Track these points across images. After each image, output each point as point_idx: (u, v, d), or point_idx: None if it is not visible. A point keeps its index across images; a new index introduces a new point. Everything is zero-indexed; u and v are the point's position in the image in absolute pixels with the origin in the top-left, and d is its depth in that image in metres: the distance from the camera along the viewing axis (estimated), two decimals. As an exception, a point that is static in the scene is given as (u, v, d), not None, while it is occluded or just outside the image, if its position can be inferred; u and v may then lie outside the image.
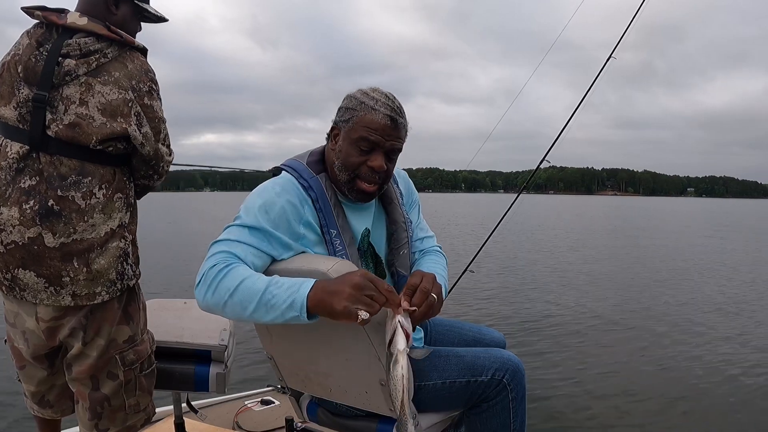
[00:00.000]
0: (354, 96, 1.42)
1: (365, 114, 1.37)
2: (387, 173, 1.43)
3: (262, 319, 1.22)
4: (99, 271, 1.55)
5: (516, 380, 1.45)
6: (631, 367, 4.74)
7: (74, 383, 1.65)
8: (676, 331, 5.97)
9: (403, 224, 1.56)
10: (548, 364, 4.76)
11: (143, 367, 1.70)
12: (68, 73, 1.52)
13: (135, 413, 1.70)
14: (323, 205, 1.41)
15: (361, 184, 1.41)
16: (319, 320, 1.21)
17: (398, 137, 1.40)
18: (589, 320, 6.43)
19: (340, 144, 1.42)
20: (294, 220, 1.37)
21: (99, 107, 1.52)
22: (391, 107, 1.38)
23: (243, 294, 1.21)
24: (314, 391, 1.53)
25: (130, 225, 1.66)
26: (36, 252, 1.50)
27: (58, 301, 1.52)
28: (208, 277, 1.24)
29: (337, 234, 1.40)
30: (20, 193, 1.50)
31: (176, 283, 8.16)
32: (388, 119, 1.36)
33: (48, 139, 1.51)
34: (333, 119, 1.47)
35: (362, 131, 1.37)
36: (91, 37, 1.55)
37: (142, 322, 1.73)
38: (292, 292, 1.19)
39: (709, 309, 7.21)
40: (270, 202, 1.35)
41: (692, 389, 4.20)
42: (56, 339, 1.60)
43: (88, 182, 1.54)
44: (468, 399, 1.46)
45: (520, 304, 7.28)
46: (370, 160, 1.38)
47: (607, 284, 9.17)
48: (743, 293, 8.41)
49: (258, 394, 2.78)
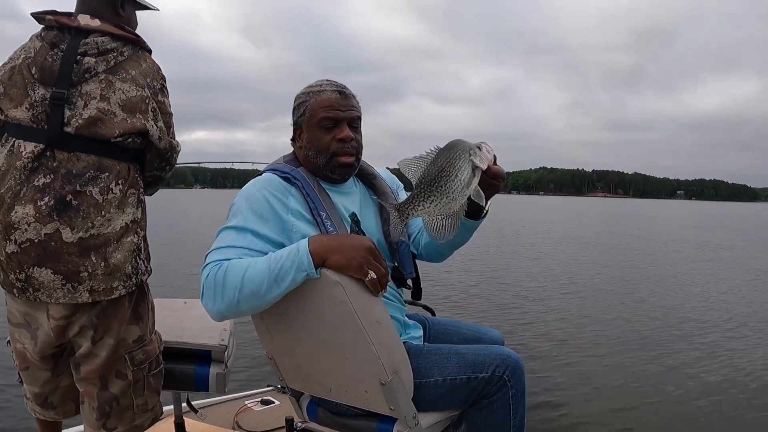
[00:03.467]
0: (301, 92, 1.57)
1: (316, 98, 1.52)
2: (357, 142, 1.54)
3: (276, 294, 1.27)
4: (116, 266, 1.57)
5: (516, 376, 1.46)
6: (629, 365, 4.80)
7: (82, 383, 1.65)
8: (676, 329, 6.05)
9: (391, 194, 1.67)
10: (545, 362, 4.82)
11: (152, 366, 1.71)
12: (88, 70, 1.57)
13: (143, 413, 1.71)
14: (308, 190, 1.48)
15: (339, 159, 1.51)
16: (319, 320, 1.25)
17: (352, 106, 1.53)
18: (583, 319, 6.49)
19: (306, 137, 1.53)
20: (281, 210, 1.42)
21: (120, 103, 1.58)
22: (335, 84, 1.54)
23: (251, 283, 1.25)
24: (314, 390, 1.54)
25: (142, 221, 1.69)
26: (53, 248, 1.50)
27: (75, 299, 1.53)
28: (210, 285, 1.28)
29: (326, 216, 1.46)
30: (34, 191, 1.51)
31: (169, 282, 8.14)
32: (336, 93, 1.51)
33: (66, 136, 1.55)
34: (291, 123, 1.59)
35: (319, 113, 1.50)
36: (107, 36, 1.61)
37: (151, 322, 1.74)
38: (293, 255, 1.26)
39: (709, 307, 7.31)
40: (253, 198, 1.42)
41: (688, 384, 4.28)
42: (66, 336, 1.60)
43: (106, 177, 1.57)
44: (468, 396, 1.47)
45: (515, 302, 7.33)
46: (337, 134, 1.50)
47: (604, 283, 9.25)
48: (743, 289, 8.54)
49: (258, 393, 2.78)
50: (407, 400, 1.38)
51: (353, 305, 1.28)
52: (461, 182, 1.28)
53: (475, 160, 1.31)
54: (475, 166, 1.31)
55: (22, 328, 1.64)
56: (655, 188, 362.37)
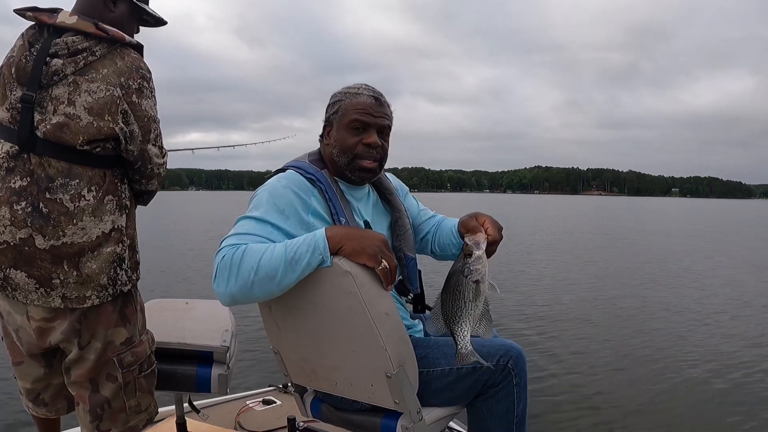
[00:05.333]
0: (338, 92, 1.59)
1: (351, 99, 1.54)
2: (383, 150, 1.56)
3: (290, 279, 1.28)
4: (89, 275, 1.53)
5: (519, 366, 1.49)
6: (628, 360, 4.85)
7: (74, 386, 1.64)
8: (674, 325, 6.07)
9: (405, 211, 1.70)
10: (545, 356, 4.89)
11: (142, 368, 1.69)
12: (56, 72, 1.51)
13: (136, 414, 1.69)
14: (331, 195, 1.50)
15: (361, 162, 1.53)
16: (327, 311, 1.27)
17: (385, 114, 1.56)
18: (583, 314, 6.52)
19: (334, 134, 1.55)
20: (302, 210, 1.43)
21: (86, 106, 1.51)
22: (372, 90, 1.57)
23: (267, 266, 1.26)
24: (320, 385, 1.55)
25: (128, 229, 1.64)
26: (27, 253, 1.49)
27: (48, 303, 1.51)
28: (225, 266, 1.27)
29: (346, 222, 1.47)
30: (11, 193, 1.49)
31: (169, 282, 8.12)
32: (372, 99, 1.54)
33: (36, 139, 1.50)
34: (323, 119, 1.61)
35: (352, 114, 1.52)
36: (80, 35, 1.53)
37: (140, 323, 1.71)
38: (310, 239, 1.29)
39: (709, 304, 7.33)
40: (276, 193, 1.43)
41: (687, 378, 4.34)
42: (47, 341, 1.58)
43: (76, 184, 1.52)
44: (474, 385, 1.49)
45: (519, 299, 7.36)
46: (365, 138, 1.52)
47: (606, 280, 9.29)
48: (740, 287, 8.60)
49: (260, 393, 2.77)
50: (412, 395, 1.39)
51: (362, 296, 1.29)
52: (471, 299, 1.36)
53: (471, 277, 1.35)
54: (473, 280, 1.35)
55: (9, 325, 1.64)
56: (650, 186, 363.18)
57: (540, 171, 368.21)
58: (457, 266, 1.38)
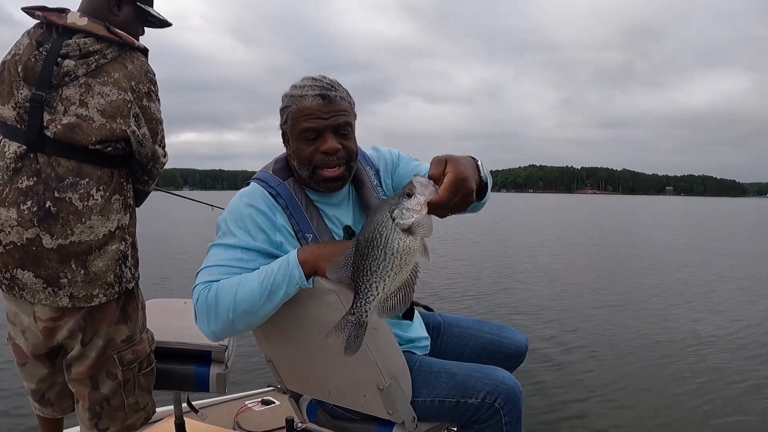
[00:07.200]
0: (285, 93, 1.42)
1: (297, 105, 1.36)
2: (347, 151, 1.39)
3: (269, 309, 1.26)
4: (96, 274, 1.55)
5: (511, 403, 1.36)
6: (635, 363, 4.80)
7: (74, 384, 1.65)
8: (674, 326, 6.06)
9: (380, 200, 1.50)
10: (560, 348, 4.92)
11: (142, 366, 1.70)
12: (67, 73, 1.52)
13: (134, 412, 1.70)
14: (294, 210, 1.39)
15: (322, 172, 1.38)
16: (315, 327, 1.23)
17: (337, 111, 1.36)
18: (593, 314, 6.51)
19: (292, 145, 1.41)
20: (268, 228, 1.36)
21: (99, 108, 1.52)
22: (319, 86, 1.36)
23: (244, 302, 1.23)
24: (313, 393, 1.54)
25: (130, 227, 1.66)
26: (34, 253, 1.49)
27: (56, 302, 1.52)
28: (202, 308, 1.27)
29: (313, 238, 1.37)
30: (18, 194, 1.49)
31: (169, 282, 8.10)
32: (318, 99, 1.35)
33: (45, 139, 1.51)
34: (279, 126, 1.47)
35: (301, 122, 1.36)
36: (91, 37, 1.55)
37: (141, 321, 1.72)
38: (284, 268, 1.25)
39: (709, 303, 7.36)
40: (239, 215, 1.36)
41: (693, 384, 4.27)
42: (54, 340, 1.60)
43: (86, 184, 1.53)
44: (458, 418, 1.41)
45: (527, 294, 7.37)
46: (321, 145, 1.36)
47: (612, 281, 9.29)
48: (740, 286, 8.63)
49: (258, 394, 2.78)
50: (406, 405, 1.37)
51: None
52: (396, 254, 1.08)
53: (401, 221, 1.06)
54: (403, 228, 1.07)
55: (15, 326, 1.65)
56: (644, 185, 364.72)
57: (534, 170, 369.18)
58: (390, 201, 1.11)
